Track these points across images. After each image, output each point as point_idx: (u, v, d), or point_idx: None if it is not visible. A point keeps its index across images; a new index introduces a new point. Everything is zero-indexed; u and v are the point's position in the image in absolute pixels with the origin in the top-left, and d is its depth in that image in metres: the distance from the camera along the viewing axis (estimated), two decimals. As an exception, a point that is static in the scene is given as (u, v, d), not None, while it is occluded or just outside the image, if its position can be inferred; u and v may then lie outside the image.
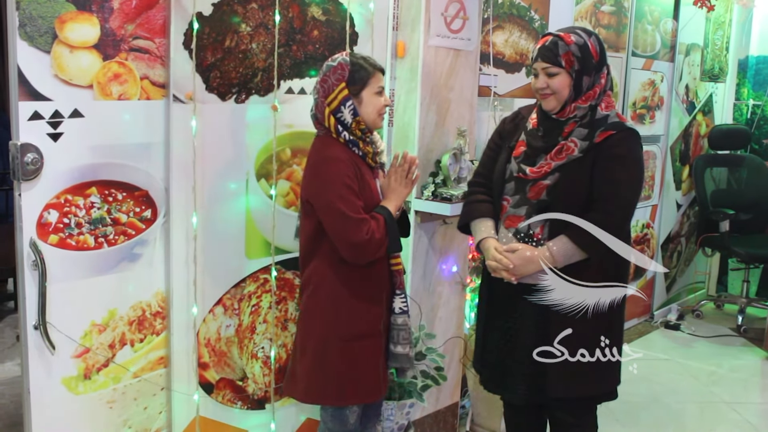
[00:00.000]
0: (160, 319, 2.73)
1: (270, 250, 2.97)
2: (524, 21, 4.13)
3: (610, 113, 2.59)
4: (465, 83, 3.46)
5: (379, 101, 2.59)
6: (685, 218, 6.28)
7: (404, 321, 2.67)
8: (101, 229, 2.53)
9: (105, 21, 2.44)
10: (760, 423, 4.18)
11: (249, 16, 2.78)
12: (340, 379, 2.59)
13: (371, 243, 2.47)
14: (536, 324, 2.62)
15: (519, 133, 2.71)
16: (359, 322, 2.60)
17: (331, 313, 2.59)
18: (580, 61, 2.54)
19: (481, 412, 3.77)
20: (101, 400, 2.61)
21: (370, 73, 2.56)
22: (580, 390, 2.65)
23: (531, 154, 2.62)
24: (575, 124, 2.57)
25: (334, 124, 2.53)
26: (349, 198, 2.47)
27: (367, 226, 2.46)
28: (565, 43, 2.53)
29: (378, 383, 2.68)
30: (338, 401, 2.65)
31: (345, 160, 2.51)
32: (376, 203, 2.61)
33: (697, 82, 6.13)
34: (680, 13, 5.69)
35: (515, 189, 2.64)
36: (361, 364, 2.61)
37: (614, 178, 2.54)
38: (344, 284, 2.57)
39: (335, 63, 2.55)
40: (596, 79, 2.58)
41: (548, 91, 2.56)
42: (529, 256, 2.57)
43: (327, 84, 2.54)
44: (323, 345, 2.60)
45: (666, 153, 5.81)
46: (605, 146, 2.54)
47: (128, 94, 2.53)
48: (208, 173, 2.75)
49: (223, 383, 2.94)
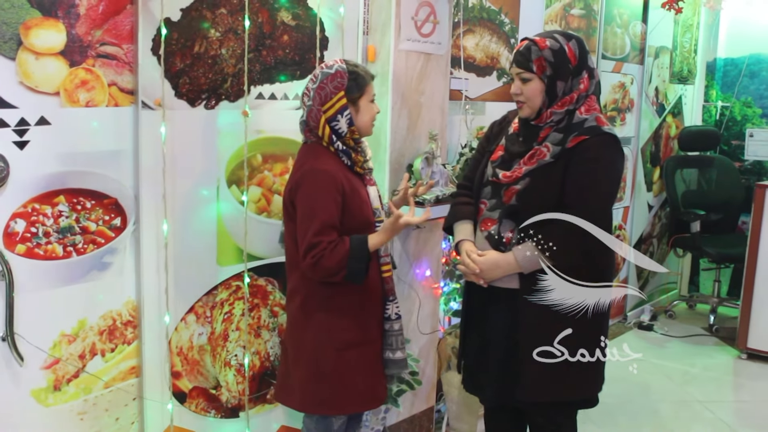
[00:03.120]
0: (132, 329, 2.70)
1: (242, 256, 2.95)
2: (495, 24, 4.14)
3: (588, 117, 2.53)
4: (436, 87, 3.46)
5: (373, 109, 2.60)
6: (656, 219, 6.33)
7: (399, 327, 2.68)
8: (70, 238, 2.49)
9: (71, 27, 2.41)
10: (734, 421, 4.22)
11: (218, 22, 2.76)
12: (337, 387, 2.57)
13: (316, 267, 2.43)
14: (506, 327, 2.61)
15: (502, 138, 2.71)
16: (352, 330, 2.58)
17: (323, 322, 2.57)
18: (552, 66, 2.50)
19: (456, 416, 3.76)
20: (72, 412, 2.58)
21: (366, 81, 2.56)
22: (552, 394, 2.61)
23: (507, 159, 2.61)
24: (551, 129, 2.54)
25: (328, 133, 2.52)
26: (323, 214, 2.44)
27: (319, 249, 2.41)
28: (539, 48, 2.51)
29: (375, 391, 2.68)
30: (336, 410, 2.64)
31: (334, 174, 2.49)
32: (367, 213, 2.60)
33: (667, 85, 6.19)
34: (649, 16, 5.75)
35: (492, 193, 2.64)
36: (356, 372, 2.60)
37: (584, 184, 2.50)
38: (335, 292, 2.55)
39: (332, 71, 2.52)
40: (574, 84, 2.53)
41: (522, 99, 2.55)
42: (495, 261, 2.56)
43: (324, 92, 2.50)
44: (317, 355, 2.58)
45: (637, 155, 5.86)
46: (578, 151, 2.49)
47: (96, 100, 2.50)
48: (178, 180, 2.72)
49: (197, 392, 2.91)
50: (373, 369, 2.66)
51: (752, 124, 6.30)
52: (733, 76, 6.42)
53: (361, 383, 2.61)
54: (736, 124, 6.39)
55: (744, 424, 4.19)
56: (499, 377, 2.65)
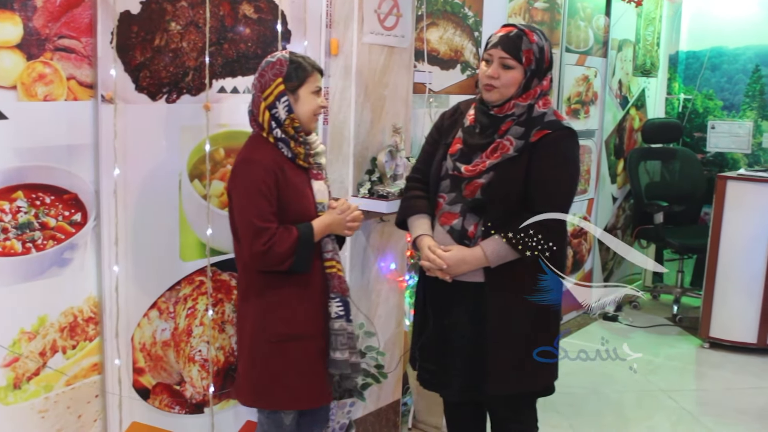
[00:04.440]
0: (93, 325, 2.67)
1: (205, 251, 2.93)
2: (458, 18, 4.15)
3: (547, 111, 2.57)
4: (400, 80, 3.46)
5: (315, 101, 2.57)
6: (620, 211, 6.39)
7: (341, 326, 2.61)
8: (29, 234, 2.46)
9: (28, 20, 2.37)
10: (696, 409, 4.28)
11: (179, 15, 2.74)
12: (272, 381, 2.56)
13: (267, 255, 2.42)
14: (471, 321, 2.62)
15: (456, 130, 2.68)
16: (288, 323, 2.55)
17: (260, 314, 2.56)
18: (536, 62, 2.53)
19: (423, 409, 3.78)
20: (33, 410, 2.54)
21: (308, 71, 2.54)
22: (518, 386, 2.64)
23: (467, 152, 2.60)
24: (512, 122, 2.55)
25: (268, 119, 2.51)
26: (260, 204, 2.44)
27: (268, 235, 2.42)
28: (529, 40, 2.52)
29: (316, 389, 2.63)
30: (273, 405, 2.62)
31: (267, 165, 2.47)
32: (307, 207, 2.58)
33: (630, 77, 6.25)
34: (612, 10, 5.79)
35: (451, 186, 2.63)
36: (289, 367, 2.56)
37: (550, 178, 2.53)
38: (274, 285, 2.53)
39: (274, 59, 2.53)
40: (541, 83, 2.58)
41: (496, 84, 2.53)
42: (462, 257, 2.56)
43: (264, 79, 2.51)
44: (252, 346, 2.58)
45: (601, 147, 5.91)
46: (541, 145, 2.52)
47: (54, 94, 2.47)
48: (139, 175, 2.69)
49: (160, 388, 2.89)
50: (310, 366, 2.60)
51: (714, 117, 6.38)
52: (695, 69, 6.49)
53: (293, 379, 2.57)
54: (698, 117, 6.47)
55: (705, 412, 4.25)
56: (465, 372, 2.65)
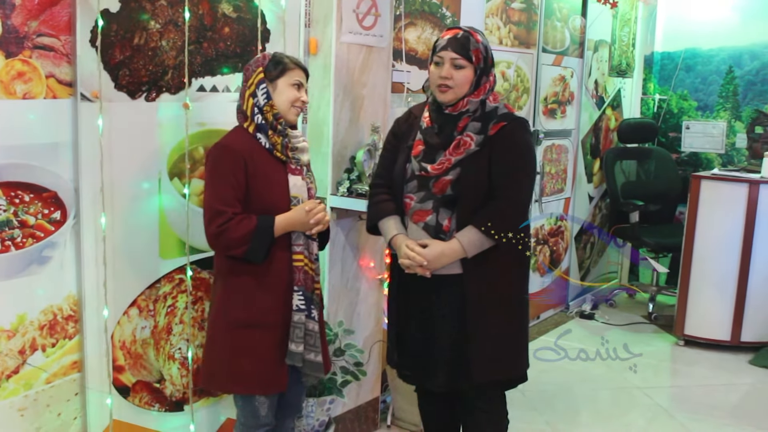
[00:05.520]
0: (73, 323, 2.68)
1: (185, 249, 2.94)
2: (436, 18, 4.18)
3: (498, 105, 2.71)
4: (378, 80, 3.49)
5: (293, 92, 2.62)
6: (597, 210, 6.45)
7: (300, 319, 2.63)
8: (8, 232, 2.46)
9: (6, 17, 2.37)
10: (671, 406, 4.33)
11: (158, 13, 2.75)
12: (223, 364, 2.63)
13: (220, 238, 2.50)
14: (453, 312, 2.69)
15: (414, 132, 2.78)
16: (247, 310, 2.60)
17: (221, 297, 2.64)
18: (484, 60, 2.68)
19: (402, 406, 3.80)
20: (12, 408, 2.54)
21: (288, 65, 2.63)
22: (502, 373, 2.75)
23: (429, 152, 2.69)
24: (468, 118, 2.67)
25: (251, 106, 2.59)
26: (223, 187, 2.52)
27: (223, 219, 2.48)
28: (476, 40, 2.66)
29: (266, 377, 2.64)
30: (225, 387, 2.76)
31: (236, 151, 2.55)
32: (277, 199, 2.60)
33: (606, 78, 6.30)
34: (588, 11, 5.84)
35: (418, 187, 2.71)
36: (244, 353, 2.61)
37: (513, 166, 2.67)
38: (236, 271, 2.60)
39: (259, 56, 2.66)
40: (488, 80, 2.71)
41: (451, 84, 2.64)
42: (441, 250, 2.63)
43: (248, 72, 2.63)
44: (213, 328, 2.69)
45: (577, 147, 5.95)
46: (499, 137, 2.65)
47: (33, 92, 2.47)
48: (119, 173, 2.70)
49: (140, 386, 2.89)
50: (266, 354, 2.63)
51: (688, 117, 6.45)
52: (669, 70, 6.56)
53: (247, 365, 2.61)
54: (673, 117, 6.54)
55: (680, 408, 4.30)
56: (450, 363, 2.72)
